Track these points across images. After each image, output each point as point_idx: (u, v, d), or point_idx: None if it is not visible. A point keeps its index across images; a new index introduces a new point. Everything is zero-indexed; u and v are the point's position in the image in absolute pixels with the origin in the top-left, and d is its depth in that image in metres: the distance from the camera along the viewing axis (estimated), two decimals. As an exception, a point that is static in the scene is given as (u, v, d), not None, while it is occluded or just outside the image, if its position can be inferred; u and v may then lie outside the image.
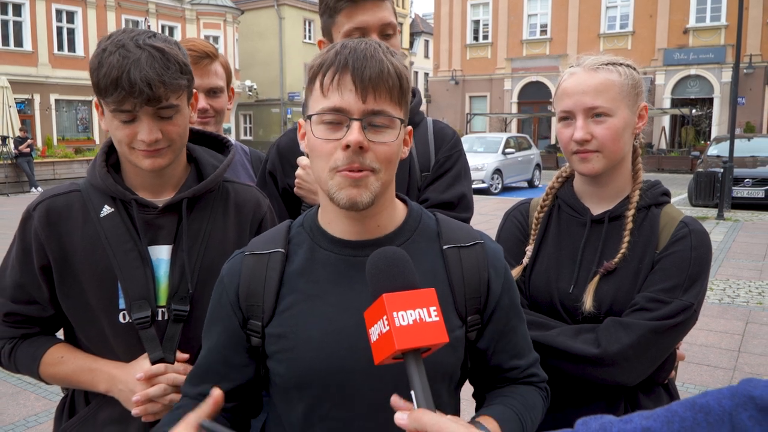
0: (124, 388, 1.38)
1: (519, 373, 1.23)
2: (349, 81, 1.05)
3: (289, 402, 1.16)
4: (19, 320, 1.46)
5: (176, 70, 1.32)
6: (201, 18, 34.86)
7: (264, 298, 1.16)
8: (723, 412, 0.75)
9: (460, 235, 1.21)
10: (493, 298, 1.19)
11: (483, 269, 1.19)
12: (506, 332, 1.21)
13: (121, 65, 1.26)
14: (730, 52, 26.91)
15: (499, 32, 32.30)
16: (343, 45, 1.09)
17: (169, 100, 1.32)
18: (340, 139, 1.06)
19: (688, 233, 1.45)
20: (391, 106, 1.09)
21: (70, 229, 1.41)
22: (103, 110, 1.38)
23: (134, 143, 1.34)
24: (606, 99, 1.43)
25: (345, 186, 1.07)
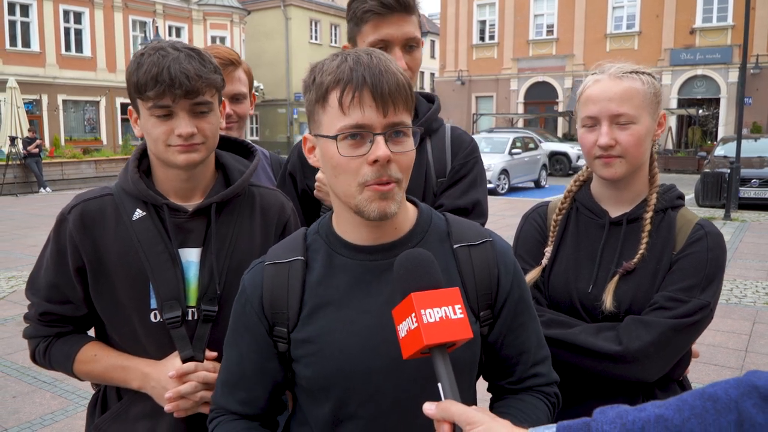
0: (156, 385, 1.43)
1: (525, 369, 1.26)
2: (369, 97, 1.07)
3: (316, 402, 1.21)
4: (54, 319, 1.51)
5: (212, 69, 1.40)
6: (208, 18, 34.98)
7: (288, 305, 1.20)
8: (729, 401, 0.81)
9: (469, 234, 1.25)
10: (503, 294, 1.23)
11: (493, 266, 1.23)
12: (515, 327, 1.25)
13: (160, 63, 1.34)
14: (736, 52, 26.83)
15: (506, 32, 32.30)
16: (355, 60, 1.10)
17: (205, 95, 1.39)
18: (364, 155, 1.09)
19: (704, 235, 1.50)
20: (406, 115, 1.13)
21: (104, 232, 1.46)
22: (138, 115, 1.44)
23: (170, 140, 1.40)
24: (630, 106, 1.48)
25: (375, 199, 1.10)
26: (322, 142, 1.14)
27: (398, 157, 1.10)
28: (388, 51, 1.70)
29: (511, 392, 1.28)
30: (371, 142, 1.09)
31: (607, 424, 0.87)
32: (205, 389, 1.43)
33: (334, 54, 1.17)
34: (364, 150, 1.09)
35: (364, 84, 1.07)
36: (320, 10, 42.96)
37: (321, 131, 1.14)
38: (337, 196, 1.18)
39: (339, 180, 1.13)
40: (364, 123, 1.08)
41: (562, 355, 1.48)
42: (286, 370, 1.24)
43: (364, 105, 1.08)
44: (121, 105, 32.14)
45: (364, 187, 1.10)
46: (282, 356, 1.23)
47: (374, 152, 1.08)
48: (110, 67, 31.36)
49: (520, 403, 1.25)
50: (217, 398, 1.31)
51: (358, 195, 1.11)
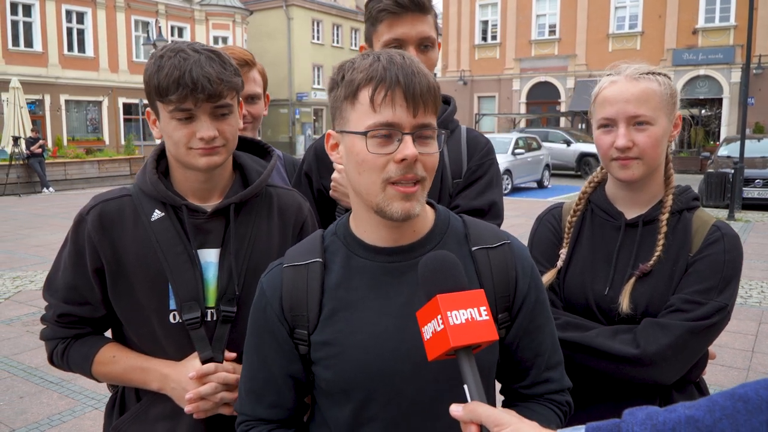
0: (176, 386, 1.44)
1: (538, 373, 1.25)
2: (400, 97, 1.09)
3: (336, 404, 1.21)
4: (72, 321, 1.52)
5: (232, 71, 1.40)
6: (210, 19, 35.02)
7: (308, 307, 1.20)
8: (761, 401, 0.81)
9: (487, 236, 1.25)
10: (520, 296, 1.23)
11: (511, 268, 1.23)
12: (531, 329, 1.24)
13: (181, 66, 1.33)
14: (739, 52, 26.80)
15: (508, 32, 32.27)
16: (388, 60, 1.11)
17: (226, 98, 1.39)
18: (391, 153, 1.10)
19: (721, 237, 1.49)
20: (433, 117, 1.14)
21: (123, 233, 1.46)
22: (157, 117, 1.44)
23: (192, 143, 1.39)
24: (648, 108, 1.47)
25: (398, 199, 1.11)
26: (349, 138, 1.14)
27: (424, 158, 1.11)
28: (403, 50, 1.70)
29: (522, 398, 1.27)
30: (399, 141, 1.10)
31: (638, 425, 0.87)
32: (225, 390, 1.43)
33: (364, 53, 1.18)
34: (391, 148, 1.10)
35: (397, 83, 1.09)
36: (322, 10, 42.97)
37: (348, 127, 1.14)
38: (359, 194, 1.17)
39: (363, 177, 1.13)
40: (394, 121, 1.09)
41: (579, 358, 1.48)
42: (308, 372, 1.24)
43: (395, 104, 1.09)
44: (123, 105, 32.21)
45: (387, 183, 1.11)
46: (303, 358, 1.23)
47: (402, 151, 1.09)
48: (113, 68, 31.40)
49: (529, 413, 1.22)
50: (244, 407, 1.29)
51: (381, 193, 1.12)
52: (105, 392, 4.50)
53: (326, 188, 1.83)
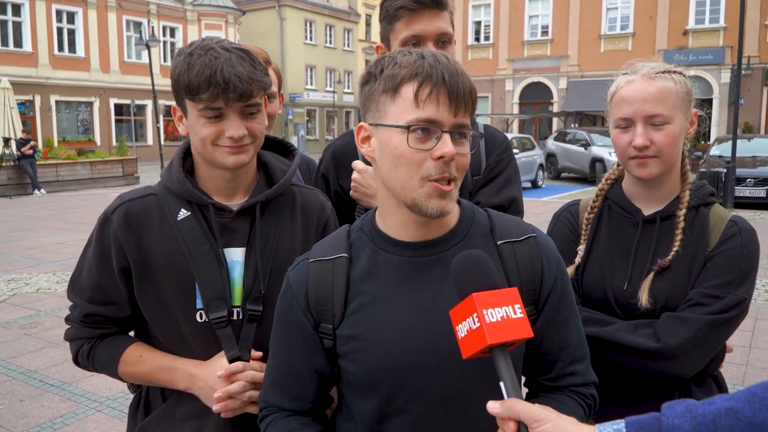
0: (203, 385, 1.44)
1: (564, 366, 1.26)
2: (444, 95, 1.10)
3: (362, 398, 1.22)
4: (98, 321, 1.52)
5: (262, 70, 1.40)
6: (202, 19, 34.93)
7: (333, 301, 1.21)
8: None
9: (512, 230, 1.26)
10: (546, 289, 1.24)
11: (537, 261, 1.23)
12: (557, 322, 1.25)
13: (213, 65, 1.33)
14: (728, 53, 27.03)
15: (501, 33, 32.37)
16: (433, 58, 1.13)
17: (256, 97, 1.39)
18: (430, 150, 1.11)
19: (738, 231, 1.52)
20: (469, 119, 1.16)
21: (149, 232, 1.46)
22: (184, 114, 1.44)
23: (220, 140, 1.40)
24: (665, 107, 1.49)
25: (434, 196, 1.12)
26: (385, 131, 1.15)
27: (458, 158, 1.13)
28: (421, 47, 1.71)
29: (547, 389, 1.28)
30: (437, 138, 1.11)
31: (677, 417, 0.89)
32: (252, 389, 1.44)
33: (403, 50, 1.19)
34: (430, 145, 1.11)
35: (443, 82, 1.10)
36: (315, 11, 42.93)
37: (386, 121, 1.15)
38: (392, 189, 1.17)
39: (398, 171, 1.13)
40: (436, 119, 1.11)
41: (600, 353, 1.50)
42: (333, 366, 1.25)
43: (439, 102, 1.11)
44: (114, 106, 32.05)
45: (426, 181, 1.12)
46: (328, 352, 1.24)
47: (441, 148, 1.10)
48: (104, 68, 31.25)
49: (554, 403, 1.23)
50: (267, 396, 1.31)
51: (419, 189, 1.12)
52: (107, 395, 4.49)
53: (344, 189, 1.83)
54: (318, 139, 44.06)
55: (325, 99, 44.28)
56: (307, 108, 43.26)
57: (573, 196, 15.34)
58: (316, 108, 44.24)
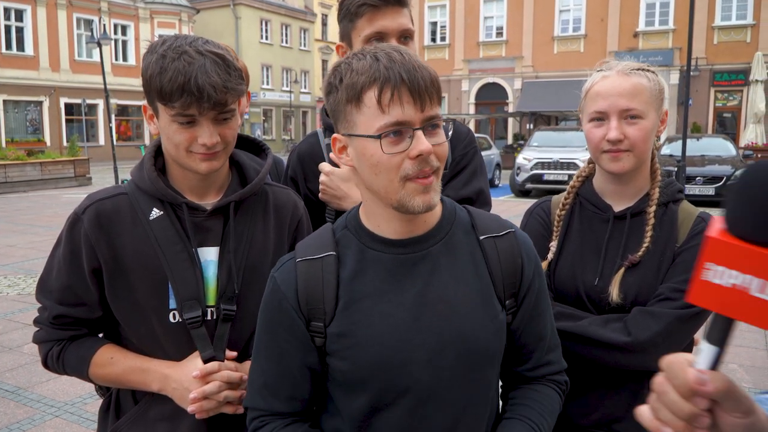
0: (177, 386, 1.41)
1: (541, 356, 1.31)
2: (407, 94, 1.10)
3: (351, 395, 1.22)
4: (68, 322, 1.48)
5: (237, 76, 1.36)
6: (155, 17, 34.23)
7: (324, 299, 1.21)
8: None
9: (493, 226, 1.29)
10: (526, 282, 1.27)
11: (517, 256, 1.27)
12: (535, 315, 1.29)
13: (187, 71, 1.29)
14: (677, 54, 27.88)
15: (456, 34, 32.67)
16: (387, 58, 1.12)
17: (230, 105, 1.36)
18: (405, 150, 1.11)
19: (706, 227, 1.57)
20: (438, 108, 1.16)
21: (120, 232, 1.43)
22: (155, 115, 1.41)
23: (193, 147, 1.37)
24: (639, 102, 1.53)
25: (418, 193, 1.13)
26: (359, 141, 1.15)
27: (436, 148, 1.14)
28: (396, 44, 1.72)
29: (526, 380, 1.33)
30: (410, 137, 1.11)
31: None
32: (228, 389, 1.42)
33: (356, 53, 1.17)
34: (404, 146, 1.12)
35: (402, 82, 1.10)
36: (271, 10, 42.53)
37: (357, 131, 1.15)
38: (375, 194, 1.18)
39: (379, 177, 1.14)
40: (404, 119, 1.11)
41: (572, 347, 1.53)
42: (323, 364, 1.25)
43: (403, 102, 1.10)
44: (65, 105, 31.13)
45: (406, 180, 1.13)
46: (319, 350, 1.24)
47: (417, 147, 1.11)
48: (54, 66, 30.32)
49: (536, 394, 1.31)
50: (256, 402, 1.28)
51: (401, 190, 1.13)
52: (65, 399, 4.36)
53: (312, 192, 1.83)
54: (275, 139, 43.68)
55: (281, 99, 43.94)
56: (263, 108, 42.84)
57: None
58: (272, 108, 43.86)
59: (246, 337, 1.50)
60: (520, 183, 16.76)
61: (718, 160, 15.06)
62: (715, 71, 27.90)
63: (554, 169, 16.25)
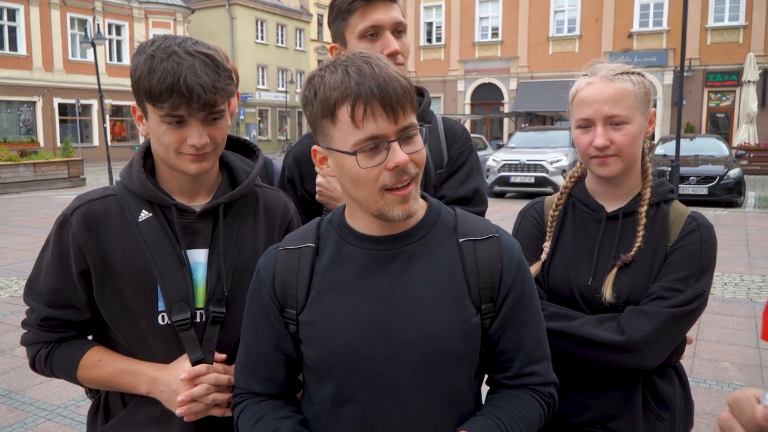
0: (165, 389, 1.40)
1: (521, 366, 1.28)
2: (380, 109, 1.11)
3: (320, 383, 1.26)
4: (56, 324, 1.46)
5: (226, 77, 1.35)
6: (150, 17, 34.16)
7: (297, 288, 1.26)
8: None
9: (476, 229, 1.29)
10: (504, 288, 1.25)
11: (497, 261, 1.25)
12: (514, 323, 1.26)
13: (176, 71, 1.28)
14: (671, 55, 28.01)
15: (452, 34, 32.72)
16: (357, 72, 1.12)
17: (220, 105, 1.35)
18: (382, 163, 1.13)
19: (697, 227, 1.57)
20: (413, 116, 1.17)
21: (109, 234, 1.42)
22: (144, 115, 1.39)
23: (182, 148, 1.36)
24: (623, 107, 1.54)
25: (397, 203, 1.16)
26: (337, 155, 1.18)
27: (413, 156, 1.16)
28: (379, 37, 1.72)
29: (507, 387, 1.31)
30: (386, 149, 1.13)
31: None
32: (216, 391, 1.41)
33: (329, 64, 1.18)
34: (380, 158, 1.13)
35: (373, 96, 1.10)
36: (266, 10, 42.50)
37: (334, 145, 1.17)
38: (357, 203, 1.22)
39: (359, 189, 1.17)
40: (378, 134, 1.12)
41: (566, 347, 1.53)
42: (298, 351, 1.29)
43: (376, 116, 1.11)
44: (59, 106, 31.03)
45: (385, 191, 1.15)
46: (293, 337, 1.28)
47: (393, 159, 1.13)
48: (47, 66, 30.22)
49: (513, 398, 1.27)
50: (239, 381, 1.35)
51: (380, 200, 1.16)
52: (57, 403, 4.34)
53: (309, 193, 1.82)
54: (270, 140, 43.64)
55: (277, 99, 43.90)
56: (259, 108, 42.79)
57: (528, 195, 15.64)
58: (268, 108, 43.81)
59: (235, 339, 1.48)
60: (489, 185, 16.20)
61: (712, 159, 15.12)
62: (709, 72, 28.02)
63: (521, 171, 15.76)
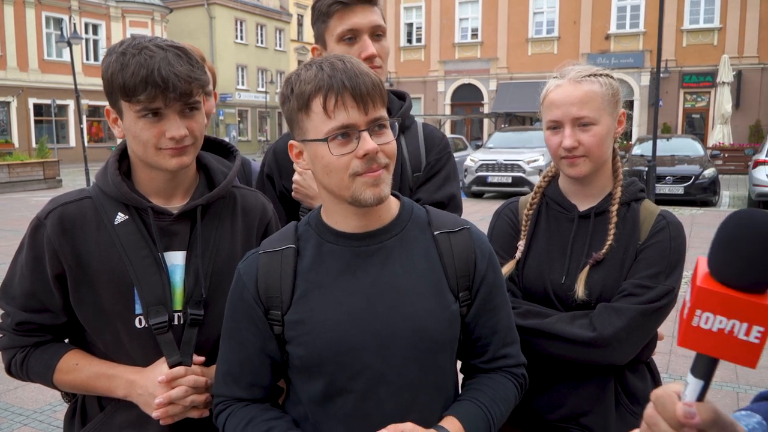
0: (143, 392, 1.40)
1: (497, 349, 1.37)
2: (350, 99, 1.18)
3: (309, 380, 1.29)
4: (32, 328, 1.45)
5: (200, 68, 1.37)
6: (127, 16, 33.79)
7: (282, 289, 1.28)
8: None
9: (448, 223, 1.36)
10: (479, 276, 1.34)
11: (470, 251, 1.34)
12: (489, 308, 1.35)
13: (149, 64, 1.29)
14: (648, 56, 28.36)
15: (432, 35, 32.83)
16: (330, 67, 1.20)
17: (196, 96, 1.36)
18: (353, 151, 1.20)
19: (666, 225, 1.60)
20: (383, 110, 1.24)
21: (85, 237, 1.41)
22: (119, 116, 1.39)
23: (161, 142, 1.36)
24: (591, 109, 1.57)
25: (368, 186, 1.21)
26: (311, 146, 1.24)
27: (383, 147, 1.22)
28: (357, 41, 1.74)
29: (483, 371, 1.39)
30: (357, 138, 1.20)
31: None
32: (194, 394, 1.41)
33: (307, 63, 1.27)
34: (352, 146, 1.20)
35: (344, 88, 1.18)
36: (245, 10, 42.27)
37: (308, 136, 1.24)
38: (331, 192, 1.27)
39: (331, 177, 1.23)
40: (349, 123, 1.19)
41: (540, 344, 1.56)
42: (282, 352, 1.31)
43: (347, 106, 1.19)
44: (34, 106, 30.57)
45: (355, 176, 1.21)
46: (278, 338, 1.30)
47: (363, 147, 1.19)
48: (22, 66, 29.76)
49: (491, 381, 1.37)
50: (220, 389, 1.35)
51: (352, 185, 1.21)
52: (34, 407, 4.29)
53: (288, 190, 1.84)
54: (250, 140, 43.42)
55: (257, 99, 43.69)
56: (238, 108, 42.55)
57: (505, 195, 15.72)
58: (248, 108, 43.59)
59: (213, 342, 1.48)
60: (467, 185, 16.29)
61: (687, 159, 15.32)
62: (684, 73, 28.44)
63: (498, 171, 15.73)
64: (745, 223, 0.74)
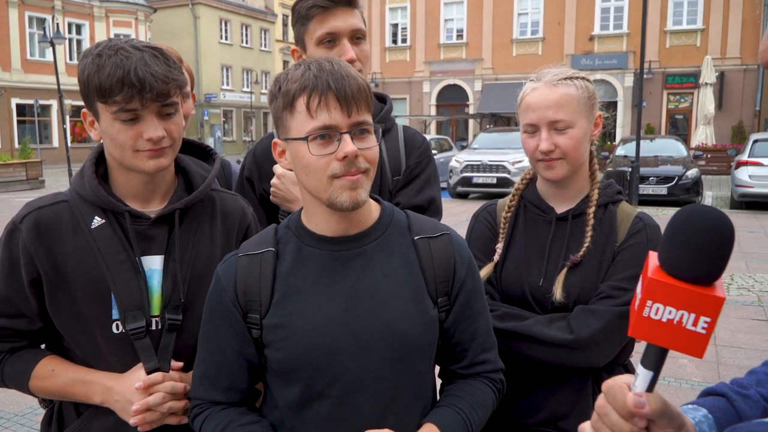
0: (120, 398, 1.39)
1: (475, 354, 1.37)
2: (334, 100, 1.18)
3: (286, 384, 1.28)
4: (7, 334, 1.44)
5: (177, 68, 1.36)
6: (111, 15, 33.50)
7: (260, 292, 1.27)
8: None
9: (428, 228, 1.36)
10: (458, 282, 1.34)
11: (450, 256, 1.34)
12: (468, 314, 1.35)
13: (125, 65, 1.28)
14: (631, 58, 28.58)
15: (417, 36, 32.86)
16: (318, 67, 1.20)
17: (173, 96, 1.35)
18: (333, 153, 1.19)
19: (643, 227, 1.62)
20: (367, 115, 1.23)
21: (61, 241, 1.40)
22: (95, 118, 1.38)
23: (139, 144, 1.35)
24: (566, 112, 1.58)
25: (345, 189, 1.20)
26: (293, 144, 1.24)
27: (364, 152, 1.21)
28: (337, 44, 1.74)
29: (461, 377, 1.39)
30: (338, 140, 1.19)
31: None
32: (172, 400, 1.40)
33: (296, 63, 1.26)
34: (332, 148, 1.19)
35: (328, 89, 1.18)
36: (230, 10, 42.07)
37: (291, 135, 1.24)
38: (309, 193, 1.26)
39: (310, 177, 1.22)
40: (331, 124, 1.18)
41: (518, 347, 1.57)
42: (260, 356, 1.31)
43: (330, 108, 1.18)
44: (17, 106, 30.21)
45: (333, 179, 1.20)
46: (256, 342, 1.29)
47: (342, 149, 1.18)
48: (4, 66, 29.40)
49: (469, 387, 1.37)
50: (197, 392, 1.35)
51: (329, 187, 1.21)
52: (15, 411, 4.23)
53: (267, 192, 1.83)
54: (235, 141, 43.21)
55: (242, 100, 43.50)
56: (223, 109, 42.33)
57: (490, 196, 15.76)
58: (233, 109, 43.38)
59: (192, 347, 1.46)
60: (452, 186, 16.30)
61: (671, 160, 15.46)
62: (668, 74, 28.69)
63: (483, 172, 15.79)
64: (694, 219, 0.78)
